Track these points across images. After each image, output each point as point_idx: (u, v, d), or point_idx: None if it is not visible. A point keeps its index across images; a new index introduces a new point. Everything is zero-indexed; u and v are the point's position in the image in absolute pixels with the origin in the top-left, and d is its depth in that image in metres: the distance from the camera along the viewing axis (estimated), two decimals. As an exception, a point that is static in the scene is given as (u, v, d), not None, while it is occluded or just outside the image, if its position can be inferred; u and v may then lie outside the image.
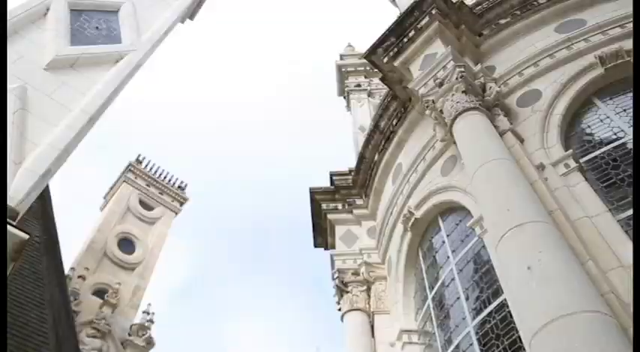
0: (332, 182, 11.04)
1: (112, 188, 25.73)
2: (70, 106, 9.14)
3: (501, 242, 5.07)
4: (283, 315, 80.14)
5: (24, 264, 7.60)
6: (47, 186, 12.86)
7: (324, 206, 10.45)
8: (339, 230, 10.26)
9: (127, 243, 23.50)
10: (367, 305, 9.13)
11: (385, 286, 9.11)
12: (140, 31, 12.08)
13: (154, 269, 24.55)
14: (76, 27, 10.71)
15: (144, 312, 24.23)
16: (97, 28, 11.19)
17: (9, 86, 8.50)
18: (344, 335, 9.37)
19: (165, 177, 26.46)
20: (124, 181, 25.21)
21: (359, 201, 10.16)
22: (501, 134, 6.55)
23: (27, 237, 6.83)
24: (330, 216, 10.40)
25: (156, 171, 26.32)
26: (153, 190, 25.62)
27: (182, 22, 15.57)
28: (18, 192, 7.34)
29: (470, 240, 6.88)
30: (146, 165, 26.24)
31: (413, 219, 7.99)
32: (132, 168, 25.60)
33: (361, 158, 9.82)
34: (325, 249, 11.13)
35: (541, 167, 6.16)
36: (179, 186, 26.75)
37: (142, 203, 25.03)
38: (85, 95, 9.50)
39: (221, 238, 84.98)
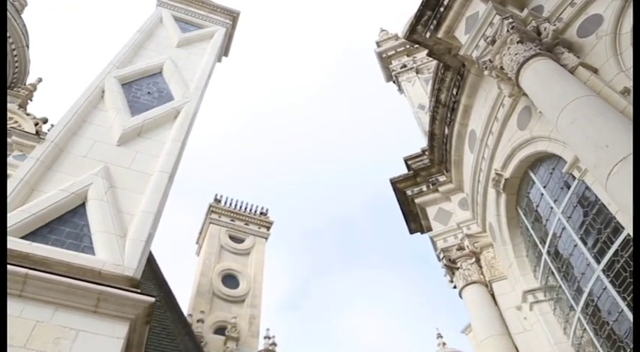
0: (408, 167, 11.00)
1: (200, 232, 26.86)
2: (149, 171, 9.73)
3: (610, 179, 4.88)
4: (394, 301, 79.98)
5: (154, 323, 8.10)
6: (149, 248, 13.69)
7: (408, 192, 10.45)
8: (431, 211, 10.22)
9: (230, 279, 24.41)
10: (481, 276, 9.02)
11: (494, 253, 8.98)
12: (186, 83, 12.68)
13: (261, 296, 25.36)
14: (131, 98, 11.39)
15: (265, 337, 24.95)
16: (148, 93, 11.84)
17: (93, 170, 9.19)
18: (466, 310, 9.32)
19: (246, 208, 27.29)
20: (210, 223, 26.22)
21: (441, 178, 10.08)
22: (572, 71, 6.27)
23: (153, 300, 7.33)
24: (417, 201, 10.38)
25: (236, 205, 27.21)
26: (238, 223, 26.49)
27: (219, 61, 16.16)
28: (131, 262, 7.90)
29: (570, 185, 6.67)
30: (225, 202, 27.17)
31: (503, 181, 7.83)
32: (213, 209, 26.60)
33: (431, 135, 9.74)
34: (422, 233, 11.12)
35: (626, 92, 5.83)
36: (261, 213, 27.49)
37: (232, 238, 25.92)
38: (158, 157, 10.09)
39: (312, 241, 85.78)
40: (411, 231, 11.21)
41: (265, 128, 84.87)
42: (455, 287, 9.52)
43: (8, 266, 6.80)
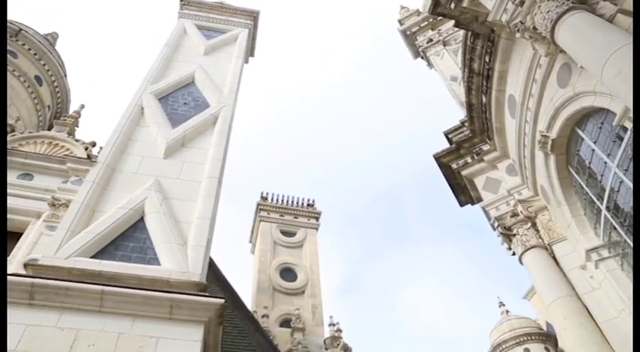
0: (449, 140, 10.93)
1: (252, 231, 27.44)
2: (198, 179, 10.02)
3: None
4: (450, 274, 79.55)
5: (225, 323, 8.37)
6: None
7: (453, 166, 10.41)
8: (479, 181, 10.15)
9: (288, 272, 24.89)
10: (540, 240, 8.94)
11: (549, 215, 8.88)
12: (219, 88, 12.93)
13: (320, 285, 25.73)
14: (169, 111, 11.71)
15: (329, 325, 25.28)
16: (185, 103, 12.14)
17: (145, 185, 9.54)
18: (528, 275, 9.26)
19: (293, 202, 27.69)
20: (261, 220, 26.73)
21: (485, 147, 9.99)
22: (610, 20, 6.05)
23: (222, 301, 7.61)
24: (464, 173, 10.33)
25: (283, 200, 27.65)
26: (288, 217, 26.92)
27: (246, 62, 16.38)
28: (195, 268, 8.21)
29: (622, 136, 6.52)
30: (272, 199, 27.63)
31: (550, 142, 7.72)
32: (262, 207, 27.10)
33: (469, 106, 9.66)
34: (472, 205, 11.06)
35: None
36: (308, 204, 27.81)
37: (283, 233, 26.37)
38: (204, 164, 10.37)
39: (360, 223, 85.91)
40: (461, 204, 11.17)
41: (296, 120, 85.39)
42: (514, 254, 9.47)
43: (85, 285, 7.23)
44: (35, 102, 15.30)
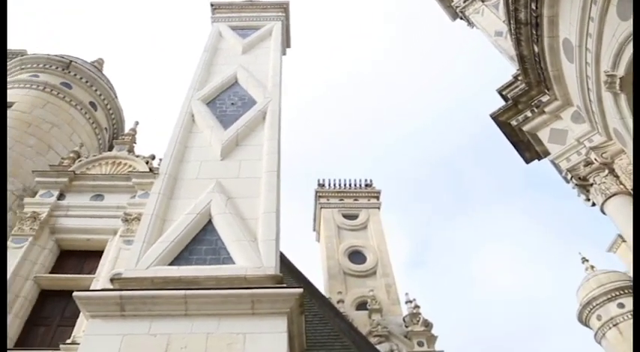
0: (504, 97, 10.53)
1: (315, 219, 27.68)
2: (257, 175, 10.15)
3: None
4: (521, 234, 77.26)
5: (305, 312, 8.45)
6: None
7: (513, 122, 10.00)
8: (543, 134, 9.71)
9: (356, 255, 24.97)
10: (621, 186, 8.45)
11: (627, 158, 8.37)
12: (262, 83, 13.01)
13: (390, 263, 25.65)
14: (218, 114, 11.89)
15: (406, 302, 25.18)
16: (232, 104, 12.30)
17: (208, 188, 9.75)
18: (614, 225, 8.81)
19: (351, 185, 27.69)
20: (321, 207, 26.90)
21: (544, 99, 9.53)
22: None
23: (301, 290, 7.71)
24: (525, 128, 9.91)
25: (340, 184, 27.70)
26: (348, 201, 26.96)
27: (284, 54, 16.40)
28: (269, 261, 8.35)
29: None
30: (329, 184, 27.73)
31: (618, 80, 7.23)
32: (320, 194, 27.25)
33: (521, 58, 9.22)
34: (539, 160, 10.63)
35: None
36: (367, 185, 27.73)
37: (346, 216, 26.44)
38: (261, 159, 10.49)
39: (421, 194, 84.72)
40: (527, 161, 10.75)
41: (342, 102, 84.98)
42: (593, 204, 9.01)
43: (168, 292, 7.50)
44: (93, 126, 15.95)
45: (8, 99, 14.69)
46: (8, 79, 15.86)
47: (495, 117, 10.18)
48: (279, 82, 13.27)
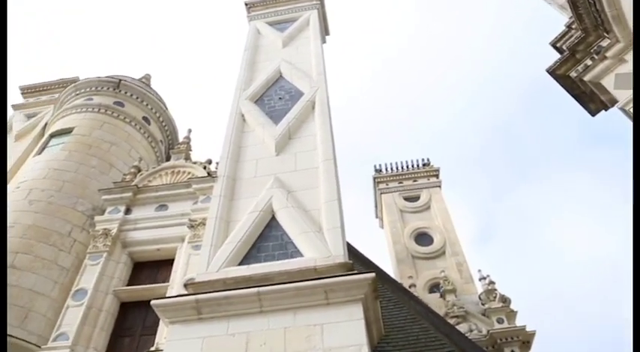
0: (558, 50, 9.90)
1: (376, 205, 27.43)
2: (314, 165, 10.05)
3: None
4: (594, 194, 73.56)
5: (379, 298, 8.28)
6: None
7: (572, 74, 9.36)
8: (607, 81, 9.01)
9: (423, 237, 24.54)
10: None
11: None
12: (307, 74, 12.91)
13: (459, 241, 25.05)
14: (268, 110, 11.89)
15: (480, 279, 24.57)
16: (280, 98, 12.27)
17: (267, 185, 9.75)
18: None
19: (407, 166, 27.24)
20: (381, 193, 26.61)
21: (604, 43, 8.84)
22: None
23: (373, 274, 7.55)
24: (586, 78, 9.24)
25: (397, 167, 27.30)
26: (407, 183, 26.53)
27: (324, 42, 16.22)
28: (337, 250, 8.23)
29: None
30: (386, 169, 27.39)
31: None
32: (378, 180, 26.97)
33: (574, 4, 8.61)
34: (606, 110, 9.92)
35: None
36: (424, 164, 27.20)
37: (407, 199, 26.04)
38: (316, 149, 10.38)
39: (481, 165, 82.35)
40: (593, 113, 10.04)
41: (388, 83, 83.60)
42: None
43: (241, 291, 7.53)
44: (149, 140, 16.40)
45: (68, 125, 15.35)
46: (65, 106, 16.55)
47: (552, 71, 9.57)
48: (324, 70, 13.12)
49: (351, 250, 13.98)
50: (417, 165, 27.22)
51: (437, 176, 26.82)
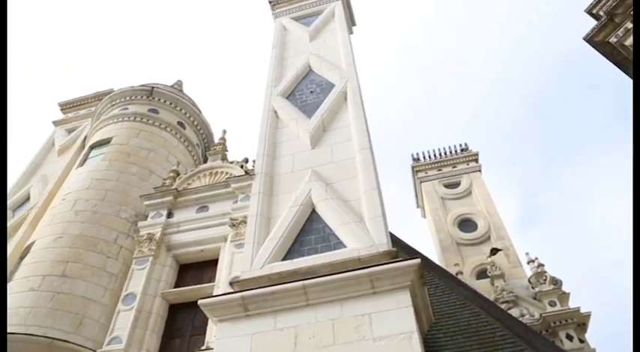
0: (594, 16, 9.45)
1: (416, 195, 27.04)
2: (351, 156, 9.94)
3: None
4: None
5: (426, 285, 8.09)
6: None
7: (612, 40, 8.93)
8: (653, 44, 8.56)
9: (466, 224, 24.09)
10: None
11: None
12: (337, 65, 12.80)
13: (504, 225, 24.48)
14: (300, 105, 11.84)
15: (528, 262, 24.01)
16: (311, 92, 12.20)
17: (305, 179, 9.69)
18: None
19: (445, 153, 26.76)
20: (421, 182, 26.23)
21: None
22: None
23: (419, 260, 7.38)
24: (628, 43, 8.79)
25: (435, 155, 26.87)
26: (446, 169, 26.08)
27: (351, 33, 16.07)
28: (380, 238, 8.10)
29: None
30: (424, 157, 26.99)
31: None
32: (417, 169, 26.58)
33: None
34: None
35: None
36: (462, 149, 26.67)
37: (447, 186, 25.61)
38: (351, 139, 10.27)
39: (519, 146, 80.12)
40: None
41: (417, 67, 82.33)
42: None
43: (286, 285, 7.49)
44: (185, 144, 16.62)
45: (107, 136, 15.71)
46: (102, 117, 16.94)
47: (590, 38, 9.15)
48: (353, 60, 12.98)
49: (394, 239, 13.81)
50: (455, 151, 26.70)
51: (476, 160, 26.26)
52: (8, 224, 14.67)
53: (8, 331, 9.91)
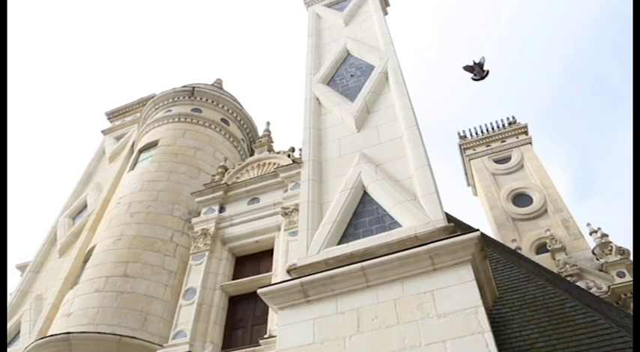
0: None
1: (466, 173, 26.48)
2: (397, 135, 9.77)
3: None
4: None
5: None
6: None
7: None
8: None
9: (521, 198, 23.40)
10: None
11: None
12: (375, 46, 12.61)
13: (561, 197, 23.67)
14: (341, 89, 11.73)
15: (591, 233, 23.12)
16: (351, 76, 12.06)
17: (353, 162, 9.58)
18: None
19: (493, 127, 26.05)
20: (470, 159, 25.64)
21: None
22: None
23: (479, 232, 7.14)
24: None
25: (482, 131, 26.18)
26: (495, 145, 25.37)
27: (386, 14, 15.78)
28: (436, 215, 7.93)
29: None
30: (470, 134, 26.36)
31: None
32: (465, 146, 25.99)
33: None
34: None
35: None
36: (510, 123, 25.86)
37: (498, 161, 24.92)
38: (396, 119, 10.09)
39: (569, 113, 76.83)
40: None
41: (455, 45, 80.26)
42: None
43: (345, 268, 7.42)
44: (230, 140, 16.78)
45: (153, 139, 16.04)
46: (148, 121, 17.32)
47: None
48: (391, 40, 12.74)
49: (449, 217, 13.52)
50: (503, 125, 25.92)
51: (526, 133, 25.41)
52: (69, 232, 15.24)
53: (79, 330, 10.32)
